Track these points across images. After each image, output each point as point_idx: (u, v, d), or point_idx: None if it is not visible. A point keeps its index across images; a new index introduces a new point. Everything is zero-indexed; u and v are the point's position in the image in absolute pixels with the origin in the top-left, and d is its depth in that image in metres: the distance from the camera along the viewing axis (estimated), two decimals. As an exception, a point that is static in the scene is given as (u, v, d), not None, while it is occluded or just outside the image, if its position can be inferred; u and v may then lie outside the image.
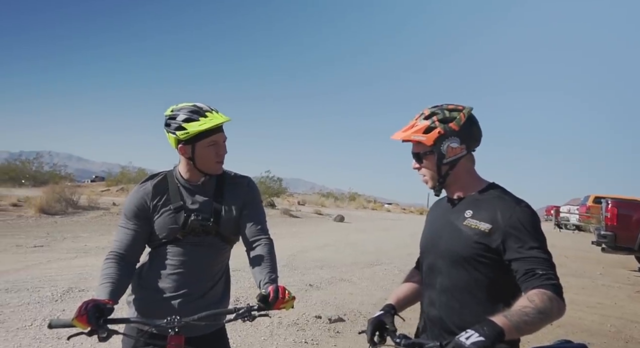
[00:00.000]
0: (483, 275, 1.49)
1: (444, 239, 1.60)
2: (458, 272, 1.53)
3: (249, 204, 1.95)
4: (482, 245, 1.47)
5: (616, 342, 4.96)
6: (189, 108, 1.81)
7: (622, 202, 10.00)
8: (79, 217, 13.35)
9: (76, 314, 1.48)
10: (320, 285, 6.86)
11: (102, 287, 1.68)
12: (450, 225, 1.59)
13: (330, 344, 4.36)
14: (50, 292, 5.39)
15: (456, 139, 1.57)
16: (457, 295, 1.54)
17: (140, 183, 1.93)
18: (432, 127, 1.57)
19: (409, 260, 10.01)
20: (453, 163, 1.59)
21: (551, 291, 1.32)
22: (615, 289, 8.08)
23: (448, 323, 1.55)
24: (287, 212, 20.50)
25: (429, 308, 1.64)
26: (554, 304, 1.30)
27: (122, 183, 27.51)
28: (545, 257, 1.40)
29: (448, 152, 1.57)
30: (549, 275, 1.36)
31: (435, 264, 1.62)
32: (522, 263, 1.39)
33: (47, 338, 3.97)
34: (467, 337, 1.19)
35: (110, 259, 1.79)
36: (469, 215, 1.55)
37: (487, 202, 1.54)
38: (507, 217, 1.45)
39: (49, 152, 29.96)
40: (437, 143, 1.56)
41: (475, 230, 1.50)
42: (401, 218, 28.48)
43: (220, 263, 1.94)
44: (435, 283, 1.61)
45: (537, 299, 1.29)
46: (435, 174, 1.60)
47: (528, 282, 1.36)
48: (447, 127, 1.56)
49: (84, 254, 8.17)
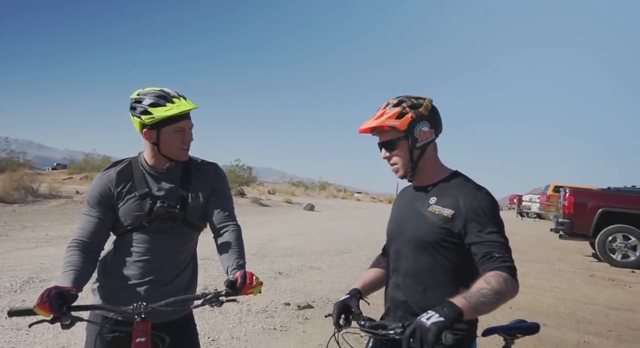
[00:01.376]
0: (446, 260, 1.55)
1: (409, 225, 1.65)
2: (423, 257, 1.58)
3: (217, 191, 1.94)
4: (445, 230, 1.53)
5: (569, 322, 5.24)
6: (156, 92, 1.78)
7: (578, 191, 10.47)
8: (39, 205, 12.86)
9: (38, 301, 1.44)
10: (290, 273, 6.90)
11: (65, 274, 1.64)
12: (415, 211, 1.64)
13: (298, 330, 4.41)
14: (8, 283, 5.20)
15: (426, 123, 1.62)
16: (421, 279, 1.59)
17: (104, 170, 1.89)
18: (403, 113, 1.60)
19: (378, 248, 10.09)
20: (424, 147, 1.63)
21: (506, 273, 1.39)
22: (571, 274, 8.51)
23: (412, 306, 1.60)
24: (257, 201, 20.41)
25: (394, 291, 1.68)
26: (509, 285, 1.37)
27: (85, 171, 26.61)
28: (502, 241, 1.46)
29: (420, 135, 1.61)
30: (504, 258, 1.43)
31: (401, 250, 1.66)
32: (481, 247, 1.46)
33: (6, 330, 3.85)
34: (427, 318, 1.24)
35: (73, 247, 1.75)
36: (433, 201, 1.60)
37: (450, 189, 1.60)
38: (469, 203, 1.52)
39: (6, 138, 28.53)
40: (410, 127, 1.59)
41: (438, 216, 1.55)
42: (371, 207, 28.89)
43: (187, 251, 1.93)
44: (400, 267, 1.66)
45: (493, 281, 1.35)
46: (408, 160, 1.64)
47: (485, 264, 1.43)
48: (418, 111, 1.61)
49: (45, 244, 7.89)
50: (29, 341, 3.66)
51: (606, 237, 9.66)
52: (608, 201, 9.89)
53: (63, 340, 3.69)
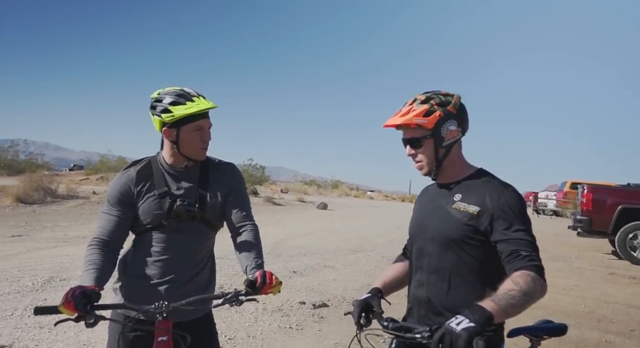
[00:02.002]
0: (471, 257, 1.52)
1: (433, 223, 1.61)
2: (447, 254, 1.55)
3: (234, 191, 1.96)
4: (470, 227, 1.50)
5: (589, 321, 5.16)
6: (176, 91, 1.80)
7: (597, 188, 10.27)
8: (57, 206, 13.09)
9: (63, 300, 1.46)
10: (304, 271, 6.92)
11: (86, 273, 1.67)
12: (439, 209, 1.61)
13: (314, 329, 4.42)
14: (30, 282, 5.31)
15: (454, 121, 1.58)
16: (445, 277, 1.56)
17: (124, 169, 1.91)
18: (431, 111, 1.56)
19: (392, 246, 10.20)
20: (449, 146, 1.60)
21: (534, 272, 1.35)
22: (590, 272, 8.36)
23: (436, 305, 1.57)
24: (270, 199, 20.48)
25: (417, 290, 1.65)
26: (537, 285, 1.34)
27: (101, 172, 27.02)
28: (529, 239, 1.43)
29: (447, 135, 1.58)
30: (532, 257, 1.39)
31: (424, 247, 1.63)
32: (507, 245, 1.43)
33: (29, 328, 3.93)
34: (457, 323, 1.20)
35: (93, 246, 1.78)
36: (458, 198, 1.57)
37: (476, 187, 1.56)
38: (495, 200, 1.48)
39: (25, 141, 29.18)
40: (437, 126, 1.56)
41: (464, 212, 1.52)
42: (384, 205, 28.77)
43: (205, 250, 1.94)
44: (424, 265, 1.63)
45: (521, 281, 1.32)
46: (433, 158, 1.60)
47: (512, 262, 1.40)
48: (446, 110, 1.57)
49: (64, 243, 8.04)
50: (52, 339, 3.73)
51: (626, 234, 9.45)
52: (628, 198, 9.69)
53: (84, 338, 3.76)
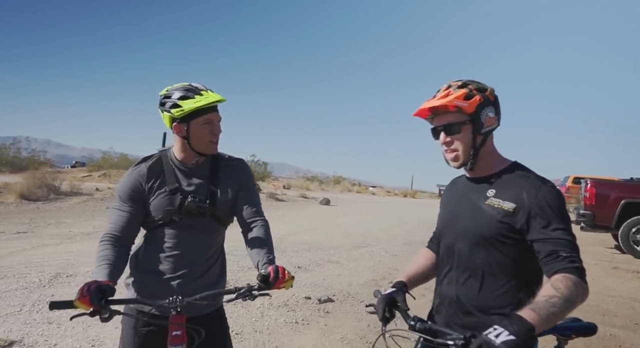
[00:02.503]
0: (504, 256, 1.44)
1: (464, 219, 1.54)
2: (479, 252, 1.48)
3: (245, 187, 1.97)
4: (505, 225, 1.42)
5: (593, 315, 5.17)
6: (185, 86, 1.82)
7: (600, 182, 10.26)
8: (61, 203, 13.13)
9: (78, 295, 1.48)
10: (309, 267, 6.94)
11: (99, 268, 1.69)
12: (470, 204, 1.53)
13: (320, 324, 4.44)
14: (37, 278, 5.34)
15: (492, 108, 1.52)
16: (476, 276, 1.49)
17: (134, 165, 1.93)
18: (471, 95, 1.49)
19: (395, 242, 10.24)
20: (486, 135, 1.53)
21: (575, 275, 1.27)
22: (594, 266, 8.36)
23: (465, 304, 1.50)
24: (272, 195, 20.52)
25: (446, 287, 1.58)
26: (579, 289, 1.25)
27: (104, 168, 27.07)
28: (569, 239, 1.35)
29: (486, 121, 1.50)
30: (572, 258, 1.31)
31: (454, 244, 1.56)
32: (546, 245, 1.34)
33: (38, 323, 3.96)
34: (496, 335, 1.12)
35: (105, 241, 1.79)
36: (491, 194, 1.49)
37: (511, 181, 1.48)
38: (533, 196, 1.40)
39: (27, 138, 29.25)
40: (477, 110, 1.49)
41: (498, 209, 1.44)
42: (386, 201, 28.80)
43: (216, 245, 1.96)
44: (454, 263, 1.56)
45: (562, 286, 1.24)
46: (470, 146, 1.51)
47: (551, 264, 1.32)
48: (485, 95, 1.51)
49: (69, 240, 8.07)
50: (60, 334, 3.76)
51: (630, 228, 9.46)
52: (631, 192, 9.68)
53: (93, 333, 3.79)
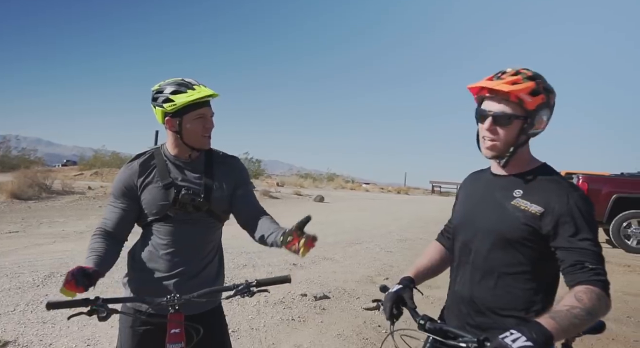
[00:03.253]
0: (523, 258, 1.40)
1: (485, 216, 1.48)
2: (497, 253, 1.44)
3: (243, 184, 1.98)
4: (529, 228, 1.38)
5: (587, 309, 5.23)
6: (177, 81, 1.82)
7: (591, 177, 10.37)
8: (53, 202, 13.01)
9: (64, 282, 1.47)
10: (304, 264, 6.94)
11: (88, 259, 1.69)
12: (494, 202, 1.47)
13: (316, 321, 4.45)
14: (31, 278, 5.30)
15: (549, 112, 1.44)
16: (492, 276, 1.45)
17: (128, 162, 1.93)
18: (537, 91, 1.40)
19: (390, 238, 10.27)
20: (531, 136, 1.45)
21: (599, 288, 1.24)
22: (585, 261, 8.47)
23: (479, 305, 1.47)
24: (266, 193, 20.47)
25: (460, 286, 1.54)
26: (602, 303, 1.23)
27: (95, 167, 26.86)
28: (596, 250, 1.31)
29: (538, 123, 1.43)
30: (597, 270, 1.27)
31: (471, 242, 1.51)
32: (571, 254, 1.31)
33: (32, 323, 3.93)
34: (513, 339, 1.10)
35: (97, 235, 1.81)
36: (518, 194, 1.43)
37: (541, 183, 1.42)
38: (564, 203, 1.35)
39: (17, 136, 28.95)
40: (537, 109, 1.40)
41: (525, 211, 1.39)
42: (379, 197, 28.89)
43: (213, 241, 1.95)
44: (469, 261, 1.51)
45: (585, 298, 1.21)
46: (512, 143, 1.43)
47: (575, 274, 1.29)
48: (549, 97, 1.42)
49: (62, 239, 8.00)
50: (55, 334, 3.74)
51: (620, 223, 9.59)
52: (622, 187, 9.81)
53: (88, 332, 3.76)
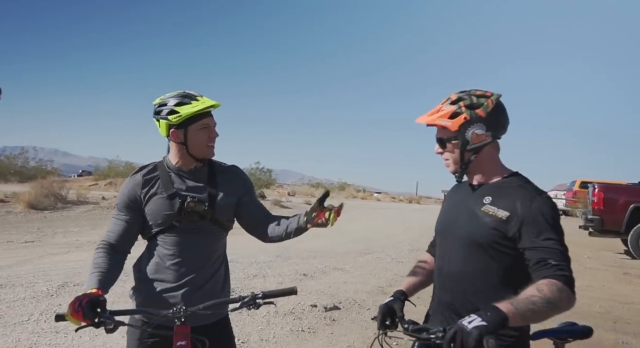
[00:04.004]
0: (497, 262, 1.48)
1: (460, 224, 1.59)
2: (472, 257, 1.52)
3: (248, 192, 2.00)
4: (498, 232, 1.46)
5: (605, 322, 5.10)
6: (179, 94, 1.85)
7: (608, 187, 10.19)
8: (68, 211, 13.20)
9: (70, 310, 1.48)
10: (315, 274, 6.91)
11: (92, 276, 1.70)
12: (468, 210, 1.58)
13: (326, 332, 4.41)
14: (45, 287, 5.36)
15: (482, 125, 1.54)
16: (469, 280, 1.53)
17: (131, 174, 1.94)
18: (458, 113, 1.54)
19: (401, 248, 10.20)
20: (477, 150, 1.57)
21: (562, 282, 1.31)
22: (603, 272, 8.28)
23: (459, 308, 1.54)
24: (277, 202, 20.52)
25: (440, 291, 1.63)
26: (563, 295, 1.30)
27: (110, 177, 27.25)
28: (560, 249, 1.38)
29: (473, 138, 1.55)
30: (561, 266, 1.34)
31: (450, 248, 1.61)
32: (536, 253, 1.38)
33: (45, 333, 3.97)
34: (469, 321, 1.20)
35: (100, 249, 1.81)
36: (487, 201, 1.53)
37: (508, 190, 1.52)
38: (527, 206, 1.44)
39: (34, 147, 29.58)
40: (461, 129, 1.54)
41: (492, 217, 1.48)
42: (391, 207, 28.71)
43: (218, 251, 1.95)
44: (448, 267, 1.60)
45: (545, 289, 1.28)
46: (459, 160, 1.59)
47: (539, 271, 1.36)
48: (474, 113, 1.54)
49: (76, 249, 8.11)
50: (67, 344, 3.77)
51: (639, 233, 9.36)
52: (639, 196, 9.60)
53: (99, 342, 3.79)
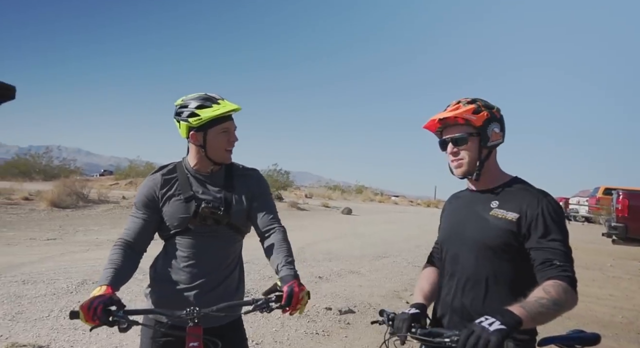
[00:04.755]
0: (509, 265, 1.52)
1: (469, 229, 1.61)
2: (483, 261, 1.55)
3: (260, 196, 1.98)
4: (509, 234, 1.50)
5: (628, 333, 4.95)
6: (201, 96, 1.85)
7: (633, 194, 9.91)
8: (89, 210, 13.49)
9: (83, 313, 1.50)
10: (330, 277, 6.89)
11: (105, 272, 1.72)
12: (475, 215, 1.61)
13: (341, 335, 4.39)
14: (65, 284, 5.48)
15: (498, 124, 1.62)
16: (482, 284, 1.55)
17: (151, 174, 1.97)
18: (479, 110, 1.60)
19: (417, 252, 10.10)
20: (491, 149, 1.62)
21: (566, 282, 1.36)
22: (626, 281, 8.04)
23: (471, 312, 1.55)
24: (294, 205, 20.55)
25: (450, 297, 1.64)
26: (568, 296, 1.35)
27: (130, 177, 27.75)
28: (564, 250, 1.43)
29: (492, 135, 1.61)
30: (565, 267, 1.40)
31: (459, 254, 1.63)
32: (541, 253, 1.44)
33: (65, 329, 4.05)
34: (489, 323, 1.21)
35: (117, 246, 1.83)
36: (495, 205, 1.57)
37: (513, 194, 1.57)
38: (534, 208, 1.49)
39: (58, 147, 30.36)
40: (484, 124, 1.59)
41: (502, 220, 1.52)
42: (408, 210, 28.46)
43: (233, 254, 1.96)
44: (459, 272, 1.62)
45: (552, 290, 1.33)
46: (476, 158, 1.61)
47: (544, 271, 1.41)
48: (492, 112, 1.62)
49: (96, 247, 8.27)
50: (85, 340, 3.84)
51: (665, 241, 9.08)
52: (666, 203, 9.30)
53: (116, 340, 3.85)
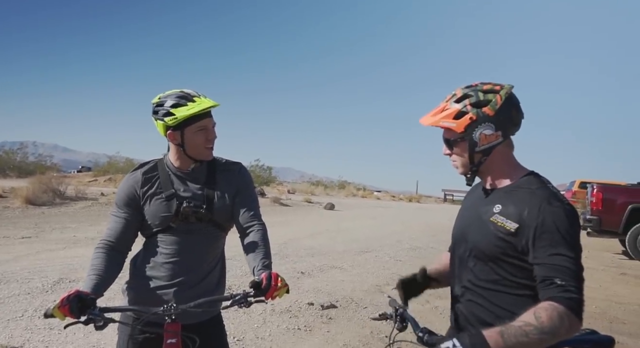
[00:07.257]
0: (508, 274, 1.38)
1: (471, 232, 1.49)
2: (483, 268, 1.43)
3: (242, 191, 1.94)
4: (507, 244, 1.35)
5: (601, 322, 5.09)
6: (177, 94, 1.80)
7: (607, 187, 10.18)
8: (66, 207, 13.17)
9: (59, 304, 1.49)
10: (312, 272, 6.90)
11: (88, 278, 1.70)
12: (478, 217, 1.47)
13: (323, 330, 4.40)
14: (40, 283, 5.35)
15: (490, 125, 1.41)
16: (482, 292, 1.44)
17: (131, 171, 1.92)
18: (463, 112, 1.42)
19: (400, 247, 10.19)
20: (487, 151, 1.44)
21: (564, 306, 1.19)
22: (600, 272, 8.27)
23: (475, 319, 1.47)
24: (277, 200, 20.48)
25: (456, 301, 1.56)
26: (564, 322, 1.17)
27: (109, 173, 27.19)
28: (569, 266, 1.24)
29: (481, 139, 1.42)
30: (567, 287, 1.21)
31: (463, 257, 1.52)
32: (542, 269, 1.27)
33: (39, 329, 3.96)
34: (452, 345, 1.15)
35: (100, 248, 1.80)
36: (497, 210, 1.41)
37: (518, 196, 1.39)
38: (535, 217, 1.31)
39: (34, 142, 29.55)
40: (468, 130, 1.41)
41: (501, 228, 1.37)
42: (391, 205, 28.69)
43: (215, 251, 1.94)
44: (462, 276, 1.52)
45: (544, 315, 1.17)
46: (467, 162, 1.47)
47: (543, 290, 1.25)
48: (481, 112, 1.41)
49: (73, 245, 8.09)
50: (61, 340, 3.76)
51: (637, 234, 9.37)
52: (638, 197, 9.59)
53: (93, 339, 3.78)
